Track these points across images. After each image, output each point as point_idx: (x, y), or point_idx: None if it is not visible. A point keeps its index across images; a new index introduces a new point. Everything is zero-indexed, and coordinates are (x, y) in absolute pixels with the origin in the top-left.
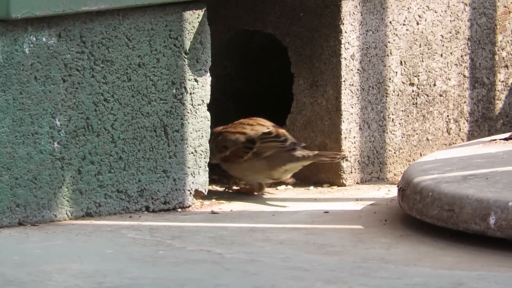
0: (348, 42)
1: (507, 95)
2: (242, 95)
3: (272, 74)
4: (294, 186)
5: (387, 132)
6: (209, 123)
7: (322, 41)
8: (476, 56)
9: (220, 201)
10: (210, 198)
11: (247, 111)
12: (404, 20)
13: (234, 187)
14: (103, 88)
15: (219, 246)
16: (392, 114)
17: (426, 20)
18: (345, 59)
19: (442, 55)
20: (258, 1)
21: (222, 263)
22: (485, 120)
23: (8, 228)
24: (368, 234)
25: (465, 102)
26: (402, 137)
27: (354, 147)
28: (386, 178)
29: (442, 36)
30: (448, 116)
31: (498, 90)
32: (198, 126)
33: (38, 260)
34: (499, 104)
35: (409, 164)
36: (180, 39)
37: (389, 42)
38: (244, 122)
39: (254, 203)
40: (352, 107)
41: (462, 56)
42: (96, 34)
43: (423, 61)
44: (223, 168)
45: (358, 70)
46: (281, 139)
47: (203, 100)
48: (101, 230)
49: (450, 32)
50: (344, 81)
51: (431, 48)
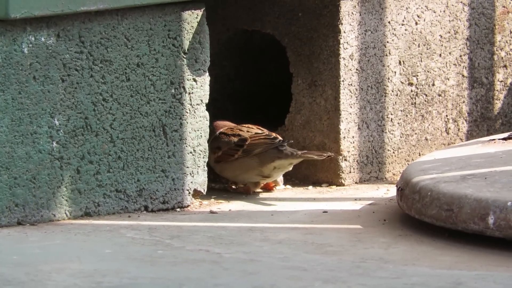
0: (347, 42)
1: (506, 95)
2: (241, 95)
3: (270, 74)
4: (293, 185)
5: (386, 132)
6: (208, 123)
7: (321, 41)
8: (475, 56)
9: (219, 200)
10: (209, 197)
11: (246, 111)
12: (403, 20)
13: (233, 186)
14: (102, 88)
15: (218, 246)
16: (391, 114)
17: (425, 20)
18: (343, 59)
19: (441, 55)
20: (257, 1)
21: (220, 262)
22: (484, 120)
23: (7, 227)
24: (367, 234)
25: (464, 102)
26: (401, 136)
27: (353, 146)
28: (385, 178)
29: (441, 36)
30: (447, 116)
31: (497, 90)
32: (197, 126)
33: (37, 259)
34: (498, 104)
35: (408, 164)
36: (179, 39)
37: (387, 42)
38: (244, 125)
39: (253, 202)
40: (351, 107)
41: (461, 56)
42: (95, 34)
43: (422, 61)
44: (216, 171)
45: (357, 70)
46: (271, 137)
47: (202, 100)
48: (100, 229)
49: (449, 32)
50: (342, 81)
51: (430, 48)
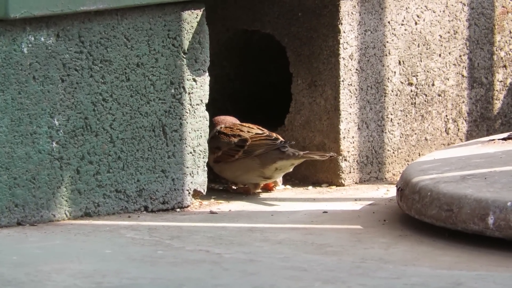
0: (347, 42)
1: (506, 95)
2: (241, 95)
3: (270, 74)
4: (293, 186)
5: (385, 132)
6: (207, 123)
7: (320, 41)
8: (475, 56)
9: (218, 201)
10: (208, 198)
11: (246, 111)
12: (403, 20)
13: (233, 187)
14: (102, 88)
15: (218, 246)
16: (391, 114)
17: (424, 20)
18: (343, 59)
19: (440, 55)
20: (257, 1)
21: (220, 263)
22: (483, 120)
23: (6, 228)
24: (367, 234)
25: (463, 102)
26: (401, 137)
27: (353, 147)
28: (385, 178)
29: (441, 36)
30: (446, 116)
31: (497, 90)
32: (197, 126)
33: (36, 260)
34: (498, 104)
35: (407, 164)
36: (179, 39)
37: (387, 42)
38: (244, 125)
39: (253, 203)
40: (351, 107)
41: (460, 56)
42: (94, 34)
43: (421, 61)
44: (215, 171)
45: (357, 70)
46: (272, 137)
47: (201, 100)
48: (99, 230)
49: (449, 32)
50: (342, 81)
51: (430, 48)
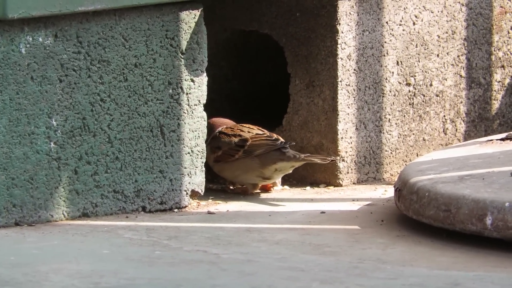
0: (345, 42)
1: (504, 95)
2: (239, 95)
3: (268, 74)
4: (290, 186)
5: (383, 132)
6: (205, 123)
7: (318, 41)
8: (473, 56)
9: (216, 201)
10: (206, 198)
11: (244, 112)
12: (401, 20)
13: (231, 187)
14: (100, 88)
15: (216, 247)
16: (389, 114)
17: (422, 20)
18: (341, 59)
19: (438, 55)
20: (255, 1)
21: (218, 263)
22: (481, 120)
23: (4, 228)
24: (364, 235)
25: (461, 102)
26: (399, 137)
27: (351, 147)
28: (383, 179)
29: (439, 36)
30: (444, 116)
31: (495, 90)
32: (195, 126)
33: (34, 260)
34: (496, 104)
35: (405, 164)
36: (177, 39)
37: (385, 42)
38: (244, 125)
39: (251, 203)
40: (349, 107)
41: (458, 56)
42: (92, 34)
43: (419, 61)
44: (215, 171)
45: (355, 70)
46: (272, 138)
47: (199, 100)
48: (97, 230)
49: (447, 32)
50: (340, 81)
51: (428, 48)
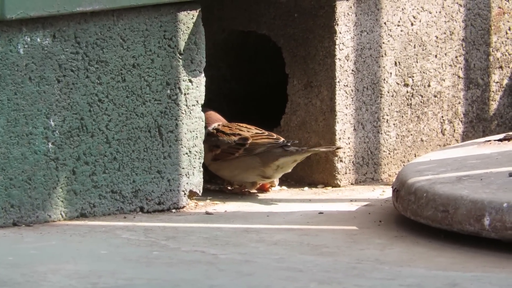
0: (343, 43)
1: (502, 96)
2: (237, 96)
3: (266, 75)
4: (288, 187)
5: (381, 133)
6: (203, 123)
7: (316, 42)
8: (471, 57)
9: (214, 201)
10: (204, 198)
11: (242, 112)
12: (399, 21)
13: (229, 187)
14: (98, 89)
15: (214, 247)
16: (387, 115)
17: (420, 21)
18: (339, 60)
19: (436, 56)
20: (253, 2)
21: (216, 263)
22: (479, 121)
23: (2, 228)
24: (362, 235)
25: (459, 103)
26: (397, 138)
27: (349, 148)
28: (381, 179)
29: (437, 37)
30: (442, 117)
31: (493, 91)
32: (193, 126)
33: (32, 260)
34: (494, 105)
35: (403, 165)
36: (175, 40)
37: (383, 43)
38: (241, 125)
39: (249, 203)
40: (347, 108)
41: (456, 57)
42: (90, 35)
43: (417, 62)
44: (211, 169)
45: (353, 71)
46: (273, 136)
47: (197, 101)
48: (95, 230)
49: (445, 33)
50: (338, 81)
51: (426, 49)
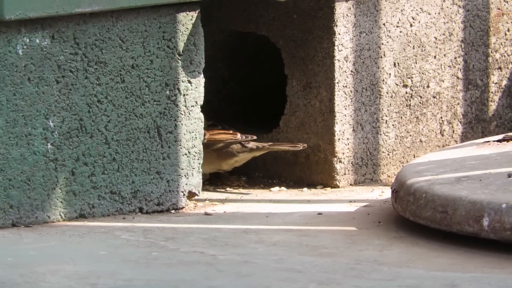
0: (342, 44)
1: (501, 96)
2: (236, 97)
3: (265, 76)
4: (287, 187)
5: (380, 134)
6: (202, 124)
7: (315, 43)
8: (470, 58)
9: (213, 202)
10: (203, 199)
11: (241, 113)
12: (398, 22)
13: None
14: (97, 90)
15: (213, 248)
16: (386, 116)
17: (419, 22)
18: (338, 60)
19: (435, 56)
20: (252, 3)
21: (215, 264)
22: (478, 122)
23: (1, 229)
24: (361, 236)
25: (458, 104)
26: (396, 138)
27: (348, 148)
28: (380, 180)
29: (436, 38)
30: (441, 117)
31: (492, 92)
32: (192, 127)
33: (31, 261)
34: (493, 106)
35: (402, 165)
36: (174, 41)
37: (382, 43)
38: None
39: (248, 204)
40: (346, 109)
41: (455, 58)
42: (89, 36)
43: (416, 62)
44: None
45: (352, 71)
46: (230, 131)
47: (196, 102)
48: (94, 231)
49: (444, 34)
50: (337, 82)
51: (425, 50)
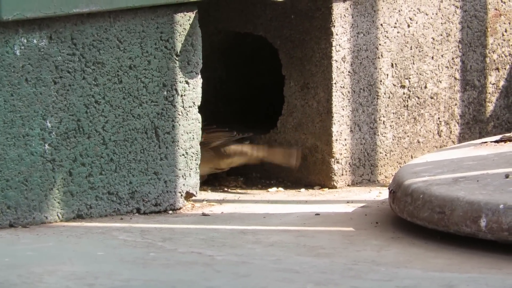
0: (339, 45)
1: (498, 97)
2: (233, 98)
3: (263, 76)
4: (285, 188)
5: (378, 135)
6: (200, 125)
7: (313, 43)
8: (467, 58)
9: (211, 203)
10: (201, 200)
11: (238, 114)
12: (395, 23)
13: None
14: (94, 90)
15: (210, 248)
16: (383, 117)
17: (417, 23)
18: (336, 61)
19: (433, 57)
20: (249, 3)
21: (213, 265)
22: (476, 123)
23: None
24: (359, 236)
25: (456, 105)
26: (393, 139)
27: (345, 149)
28: (377, 181)
29: (433, 39)
30: (439, 118)
31: (489, 93)
32: (189, 128)
33: (29, 262)
34: (490, 107)
35: (400, 166)
36: (171, 41)
37: (380, 44)
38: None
39: (245, 205)
40: (343, 109)
41: (453, 58)
42: (87, 36)
43: (414, 63)
44: None
45: (349, 72)
46: (226, 129)
47: (194, 102)
48: (92, 232)
49: (441, 35)
50: (335, 83)
51: (422, 50)
